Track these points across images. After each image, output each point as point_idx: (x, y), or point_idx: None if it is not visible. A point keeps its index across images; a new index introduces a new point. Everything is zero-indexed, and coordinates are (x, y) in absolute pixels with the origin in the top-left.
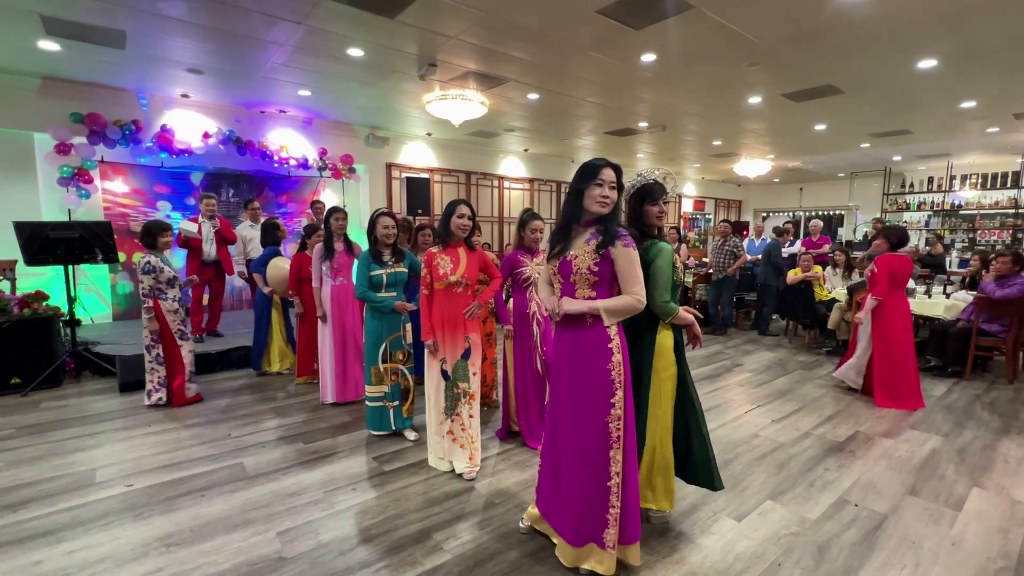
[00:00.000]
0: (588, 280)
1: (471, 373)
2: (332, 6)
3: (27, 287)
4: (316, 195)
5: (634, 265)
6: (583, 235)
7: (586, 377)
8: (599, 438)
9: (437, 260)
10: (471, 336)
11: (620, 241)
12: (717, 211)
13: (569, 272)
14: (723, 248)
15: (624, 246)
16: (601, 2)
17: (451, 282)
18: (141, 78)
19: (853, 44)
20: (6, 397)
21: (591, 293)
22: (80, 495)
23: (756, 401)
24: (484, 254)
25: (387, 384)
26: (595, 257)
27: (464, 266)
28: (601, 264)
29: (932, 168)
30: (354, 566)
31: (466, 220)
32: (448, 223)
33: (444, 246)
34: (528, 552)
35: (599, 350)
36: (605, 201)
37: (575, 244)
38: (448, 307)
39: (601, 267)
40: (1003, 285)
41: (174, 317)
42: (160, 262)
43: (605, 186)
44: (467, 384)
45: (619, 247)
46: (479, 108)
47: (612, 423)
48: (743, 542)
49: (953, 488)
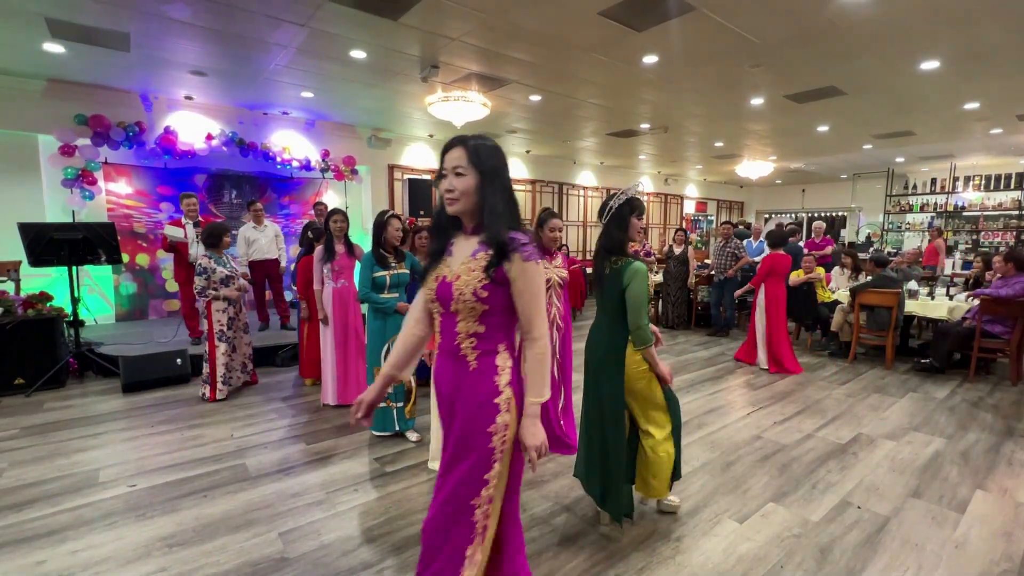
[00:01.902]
0: (474, 311)
1: None
2: (335, 8)
3: (31, 288)
4: (319, 196)
5: (537, 291)
6: (467, 246)
7: (461, 438)
8: (459, 526)
9: None
10: None
11: (518, 253)
12: (719, 212)
13: (449, 299)
14: (724, 250)
15: (525, 259)
16: (603, 4)
17: None
18: (145, 80)
19: (855, 45)
20: (10, 397)
21: (478, 328)
22: (83, 495)
23: (758, 403)
24: None
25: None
26: (483, 279)
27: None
28: (492, 288)
29: (935, 169)
30: (356, 567)
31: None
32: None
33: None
34: (529, 553)
35: (482, 406)
36: (449, 197)
37: (457, 259)
38: None
39: (492, 292)
40: (1006, 284)
41: (221, 317)
42: (213, 263)
43: (449, 176)
44: None
45: (517, 262)
46: (481, 110)
47: (479, 508)
48: (745, 544)
49: (956, 490)
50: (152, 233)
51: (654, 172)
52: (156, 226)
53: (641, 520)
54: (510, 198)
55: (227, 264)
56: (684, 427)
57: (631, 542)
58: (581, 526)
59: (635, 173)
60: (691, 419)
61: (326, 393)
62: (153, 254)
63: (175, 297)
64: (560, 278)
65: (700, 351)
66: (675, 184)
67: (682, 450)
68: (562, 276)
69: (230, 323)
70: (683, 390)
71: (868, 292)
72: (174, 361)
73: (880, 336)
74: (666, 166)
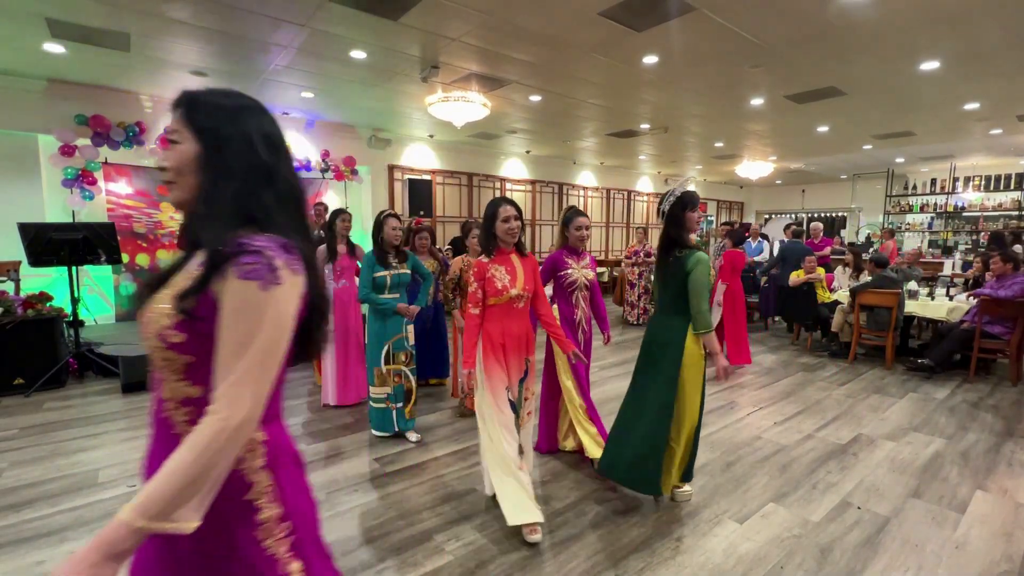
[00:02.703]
0: (172, 364)
1: (524, 398)
2: (335, 8)
3: (31, 288)
4: (319, 197)
5: (252, 334)
6: (189, 262)
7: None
8: None
9: (491, 272)
10: (530, 358)
11: (234, 268)
12: (719, 213)
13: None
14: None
15: (242, 277)
16: (603, 4)
17: (511, 296)
18: (145, 80)
19: (855, 46)
20: (10, 398)
21: (190, 391)
22: (83, 495)
23: (758, 403)
24: (535, 260)
25: (390, 385)
26: (173, 316)
27: (522, 276)
28: (190, 328)
29: (935, 170)
30: (356, 567)
31: (513, 223)
32: (492, 228)
33: (491, 255)
34: (529, 554)
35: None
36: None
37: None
38: (510, 326)
39: (192, 334)
40: (1003, 285)
41: None
42: None
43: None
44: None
45: (230, 280)
46: (481, 110)
47: None
48: (745, 544)
49: (956, 491)
50: (152, 233)
51: (654, 172)
52: (156, 226)
53: (641, 520)
54: (255, 180)
55: None
56: None
57: (631, 542)
58: (580, 527)
59: (635, 173)
60: None
61: (326, 394)
62: (153, 254)
63: None
64: (587, 279)
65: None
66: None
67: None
68: (588, 277)
69: None
70: None
71: (868, 292)
72: None
73: (880, 336)
74: (666, 166)
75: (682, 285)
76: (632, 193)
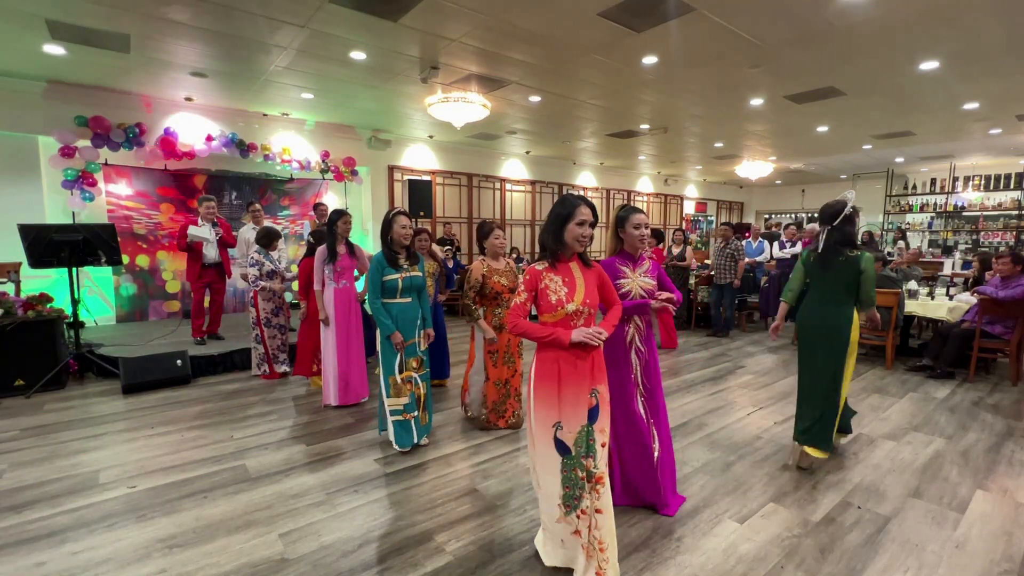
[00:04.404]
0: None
1: (599, 444)
2: (335, 9)
3: (31, 289)
4: (318, 197)
5: None
6: None
7: None
8: None
9: (545, 281)
10: (599, 389)
11: None
12: (719, 213)
13: None
14: (724, 251)
15: None
16: (602, 5)
17: (568, 312)
18: (145, 82)
19: (855, 46)
20: (10, 399)
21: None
22: (83, 496)
23: (759, 403)
24: (602, 270)
25: (405, 395)
26: None
27: (582, 289)
28: None
29: (935, 170)
30: (356, 567)
31: (588, 229)
32: (561, 231)
33: (555, 262)
34: (530, 554)
35: None
36: None
37: None
38: (567, 350)
39: None
40: (1006, 286)
41: (266, 306)
42: (264, 258)
43: None
44: (593, 461)
45: None
46: (481, 110)
47: None
48: (745, 544)
49: (956, 490)
50: (152, 234)
51: (654, 172)
52: (156, 227)
53: (641, 520)
54: None
55: (274, 262)
56: (684, 427)
57: (631, 542)
58: None
59: (635, 174)
60: (691, 419)
61: (327, 394)
62: (153, 255)
63: (175, 298)
64: (644, 290)
65: (700, 351)
66: (675, 184)
67: (689, 448)
68: (647, 287)
69: (275, 311)
70: (683, 390)
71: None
72: (174, 362)
73: (880, 336)
74: (666, 167)
75: (854, 279)
76: (632, 193)
